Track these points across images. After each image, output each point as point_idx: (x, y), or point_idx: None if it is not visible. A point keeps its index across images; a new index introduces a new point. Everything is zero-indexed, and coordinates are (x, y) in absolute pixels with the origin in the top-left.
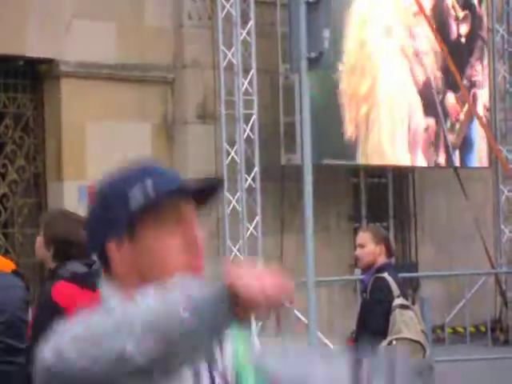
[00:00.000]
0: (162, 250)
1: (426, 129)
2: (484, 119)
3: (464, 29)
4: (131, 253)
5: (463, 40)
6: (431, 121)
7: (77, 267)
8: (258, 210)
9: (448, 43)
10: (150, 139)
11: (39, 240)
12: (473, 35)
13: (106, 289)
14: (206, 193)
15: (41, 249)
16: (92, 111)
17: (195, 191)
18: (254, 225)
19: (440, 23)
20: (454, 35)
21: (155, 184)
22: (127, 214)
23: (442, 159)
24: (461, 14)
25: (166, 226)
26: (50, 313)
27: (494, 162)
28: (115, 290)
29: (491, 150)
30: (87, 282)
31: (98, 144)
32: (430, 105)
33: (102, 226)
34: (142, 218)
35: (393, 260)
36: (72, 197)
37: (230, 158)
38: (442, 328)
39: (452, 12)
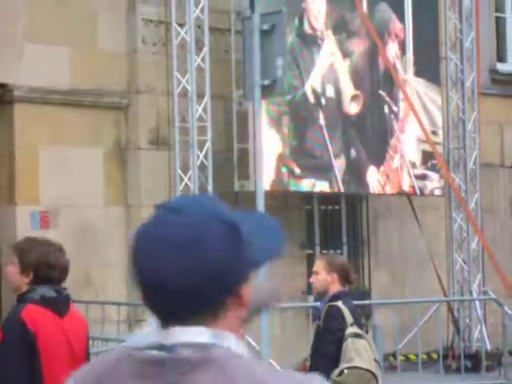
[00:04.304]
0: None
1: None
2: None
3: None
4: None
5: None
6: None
7: (46, 292)
8: None
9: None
10: (102, 164)
11: (12, 269)
12: None
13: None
14: None
15: (16, 276)
16: (45, 136)
17: None
18: None
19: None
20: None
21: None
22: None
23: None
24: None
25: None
26: (19, 332)
27: (446, 191)
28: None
29: (444, 178)
30: (56, 307)
31: (51, 169)
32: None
33: (241, 267)
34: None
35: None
36: (25, 222)
37: (183, 184)
38: (394, 355)
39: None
